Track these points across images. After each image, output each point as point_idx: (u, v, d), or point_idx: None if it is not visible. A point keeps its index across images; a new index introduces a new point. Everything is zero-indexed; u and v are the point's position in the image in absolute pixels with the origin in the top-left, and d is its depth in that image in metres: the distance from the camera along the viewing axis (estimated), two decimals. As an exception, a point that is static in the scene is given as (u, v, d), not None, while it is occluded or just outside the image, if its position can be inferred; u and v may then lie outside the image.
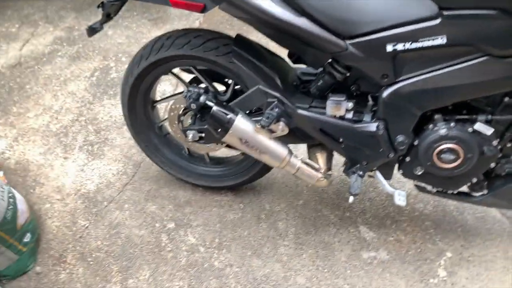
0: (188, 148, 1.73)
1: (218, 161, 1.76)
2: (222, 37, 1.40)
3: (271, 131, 1.33)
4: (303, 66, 1.44)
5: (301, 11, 1.15)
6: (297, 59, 1.41)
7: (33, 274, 1.55)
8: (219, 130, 1.31)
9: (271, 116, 1.27)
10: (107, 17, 1.42)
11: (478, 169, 1.31)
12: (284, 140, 1.39)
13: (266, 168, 1.64)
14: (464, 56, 1.12)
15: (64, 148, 2.00)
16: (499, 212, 1.69)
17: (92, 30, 1.43)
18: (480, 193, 1.39)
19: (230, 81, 1.51)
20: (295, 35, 1.20)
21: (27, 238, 1.53)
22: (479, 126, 1.21)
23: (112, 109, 2.18)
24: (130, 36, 2.64)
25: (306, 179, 1.41)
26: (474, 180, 1.36)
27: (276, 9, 1.13)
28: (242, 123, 1.30)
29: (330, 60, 1.28)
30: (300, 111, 1.30)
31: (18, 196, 1.55)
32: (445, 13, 1.07)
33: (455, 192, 1.41)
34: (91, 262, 1.58)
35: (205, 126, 1.44)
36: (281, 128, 1.31)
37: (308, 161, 1.41)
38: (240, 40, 1.39)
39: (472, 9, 1.05)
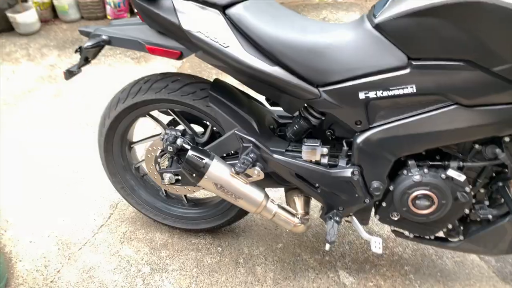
0: (165, 190, 1.71)
1: (196, 203, 1.74)
2: (199, 82, 1.41)
3: (247, 176, 1.32)
4: (280, 108, 1.46)
5: (274, 60, 1.17)
6: (274, 102, 1.42)
7: (-2, 323, 1.48)
8: (194, 174, 1.30)
9: (246, 162, 1.27)
10: (85, 61, 1.43)
11: (453, 215, 1.31)
12: (261, 184, 1.38)
13: (245, 211, 1.62)
14: (433, 104, 1.14)
15: (40, 187, 1.96)
16: (477, 257, 1.68)
17: (70, 73, 1.43)
18: (457, 239, 1.39)
19: (208, 123, 1.52)
20: (269, 83, 1.22)
21: (-6, 283, 1.48)
22: (451, 173, 1.22)
23: (90, 149, 2.16)
24: (112, 74, 2.66)
25: (283, 225, 1.40)
26: (450, 226, 1.36)
27: (250, 58, 1.15)
28: (217, 168, 1.30)
29: (305, 105, 1.30)
30: (276, 156, 1.30)
31: (-14, 240, 1.50)
32: (414, 63, 1.10)
33: (432, 237, 1.41)
34: (61, 309, 1.52)
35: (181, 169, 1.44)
36: (257, 173, 1.30)
37: (285, 206, 1.39)
38: (217, 85, 1.40)
39: (440, 60, 1.08)
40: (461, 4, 0.98)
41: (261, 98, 1.47)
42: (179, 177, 1.50)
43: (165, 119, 1.57)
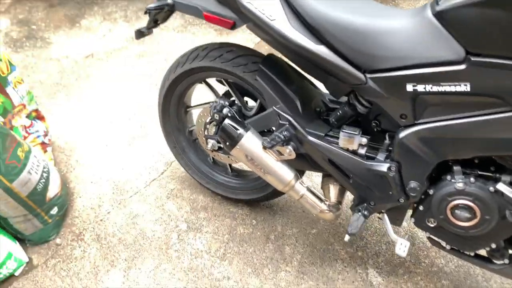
0: (213, 157, 1.77)
1: (238, 174, 1.78)
2: (253, 55, 1.42)
3: (280, 153, 1.32)
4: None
5: (321, 39, 1.13)
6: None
7: (53, 244, 1.69)
8: (227, 143, 1.34)
9: (277, 138, 1.26)
10: (155, 23, 1.51)
11: (498, 235, 1.18)
12: (295, 164, 1.37)
13: (282, 190, 1.62)
14: (489, 107, 1.02)
15: (109, 136, 2.16)
16: (532, 288, 1.50)
17: (140, 33, 1.52)
18: (501, 262, 1.25)
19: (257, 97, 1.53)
20: (313, 62, 1.19)
21: (54, 211, 1.68)
22: (501, 187, 1.09)
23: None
24: (195, 42, 2.78)
25: (309, 208, 1.38)
26: (493, 245, 1.22)
27: (294, 33, 1.13)
28: (249, 140, 1.31)
29: (353, 91, 1.25)
30: (310, 138, 1.28)
31: (53, 173, 1.70)
32: (472, 59, 0.99)
33: (472, 254, 1.29)
34: (104, 245, 1.69)
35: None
36: (288, 152, 1.29)
37: (314, 191, 1.37)
38: (270, 60, 1.40)
39: (503, 59, 0.96)
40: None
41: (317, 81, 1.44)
42: (222, 145, 1.55)
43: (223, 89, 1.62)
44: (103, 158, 2.04)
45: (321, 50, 1.13)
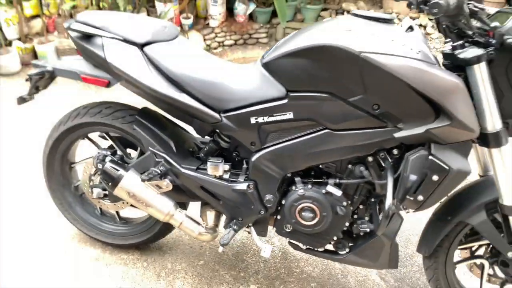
0: (100, 207, 1.89)
1: (126, 221, 1.92)
2: (129, 109, 1.66)
3: (159, 187, 1.54)
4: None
5: (182, 89, 1.44)
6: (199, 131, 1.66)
7: None
8: (110, 183, 1.52)
9: (154, 172, 1.49)
10: (36, 89, 1.67)
11: (335, 227, 1.52)
12: (174, 197, 1.59)
13: (168, 228, 1.80)
14: (309, 129, 1.40)
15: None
16: (378, 276, 1.86)
17: (22, 100, 1.66)
18: (344, 252, 1.59)
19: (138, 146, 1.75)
20: (179, 109, 1.48)
21: None
22: (330, 188, 1.46)
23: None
24: (60, 102, 2.80)
25: (189, 233, 1.59)
26: (335, 238, 1.56)
27: (161, 86, 1.42)
28: (130, 179, 1.52)
29: (216, 130, 1.56)
30: (184, 170, 1.53)
31: None
32: (291, 94, 1.37)
33: (322, 249, 1.60)
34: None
35: (108, 184, 1.64)
36: (166, 184, 1.52)
37: (191, 216, 1.59)
38: (145, 112, 1.65)
39: (310, 92, 1.35)
40: (313, 48, 1.28)
41: (190, 129, 1.69)
42: (107, 192, 1.70)
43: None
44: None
45: (184, 97, 1.44)
